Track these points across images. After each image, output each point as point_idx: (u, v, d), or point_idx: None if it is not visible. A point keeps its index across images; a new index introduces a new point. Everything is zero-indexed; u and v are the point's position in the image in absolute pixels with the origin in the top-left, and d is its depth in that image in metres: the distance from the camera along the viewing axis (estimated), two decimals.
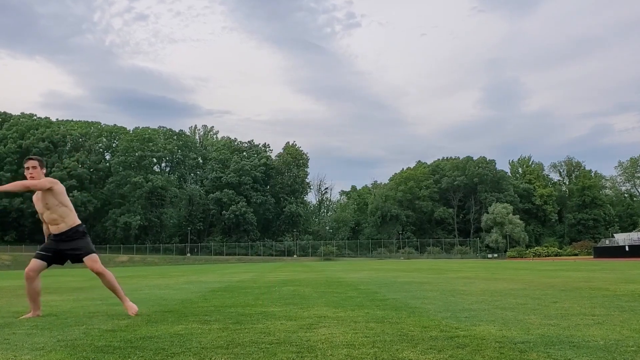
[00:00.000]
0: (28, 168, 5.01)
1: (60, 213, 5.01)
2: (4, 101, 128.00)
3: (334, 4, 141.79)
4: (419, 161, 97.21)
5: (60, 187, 5.04)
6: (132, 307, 5.13)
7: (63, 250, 5.04)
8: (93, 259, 5.07)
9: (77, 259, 5.07)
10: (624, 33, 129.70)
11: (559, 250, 69.25)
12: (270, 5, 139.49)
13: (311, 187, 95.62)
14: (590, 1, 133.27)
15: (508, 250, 72.77)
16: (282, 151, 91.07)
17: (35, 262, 5.03)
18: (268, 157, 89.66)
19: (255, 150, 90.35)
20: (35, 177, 5.01)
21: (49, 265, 5.10)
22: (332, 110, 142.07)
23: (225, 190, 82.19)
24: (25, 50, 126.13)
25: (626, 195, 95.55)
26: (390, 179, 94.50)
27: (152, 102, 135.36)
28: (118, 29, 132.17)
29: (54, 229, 5.04)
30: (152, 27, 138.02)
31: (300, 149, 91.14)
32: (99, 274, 5.11)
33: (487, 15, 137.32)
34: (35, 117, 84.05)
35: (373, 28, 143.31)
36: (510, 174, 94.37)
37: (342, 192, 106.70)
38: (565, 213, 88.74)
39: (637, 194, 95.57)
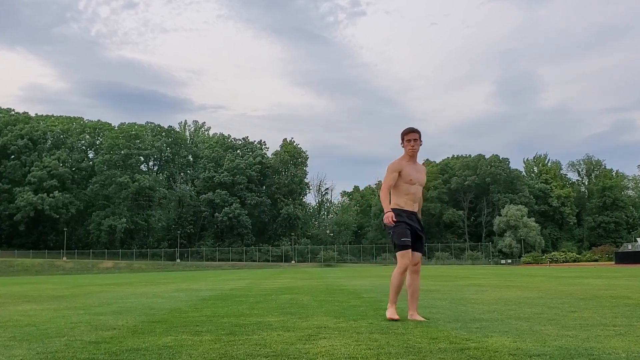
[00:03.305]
0: (409, 141, 4.95)
1: (421, 193, 5.07)
2: None
3: None
4: (427, 160, 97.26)
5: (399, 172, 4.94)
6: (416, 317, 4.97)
7: (417, 231, 4.99)
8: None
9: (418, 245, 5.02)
10: None
11: (577, 256, 69.33)
12: None
13: (310, 187, 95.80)
14: None
15: (523, 255, 72.84)
16: (279, 149, 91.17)
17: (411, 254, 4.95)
18: (264, 155, 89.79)
19: (250, 147, 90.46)
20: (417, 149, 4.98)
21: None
22: (333, 105, 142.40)
23: (218, 190, 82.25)
24: (5, 41, 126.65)
25: None
26: None
27: (141, 96, 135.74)
28: (105, 17, 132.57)
29: (413, 207, 5.00)
30: (142, 15, 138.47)
31: (299, 146, 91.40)
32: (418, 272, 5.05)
33: (501, 3, 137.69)
34: (13, 112, 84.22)
35: (379, 17, 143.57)
36: (525, 174, 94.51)
37: (344, 193, 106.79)
38: (585, 215, 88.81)
39: None
